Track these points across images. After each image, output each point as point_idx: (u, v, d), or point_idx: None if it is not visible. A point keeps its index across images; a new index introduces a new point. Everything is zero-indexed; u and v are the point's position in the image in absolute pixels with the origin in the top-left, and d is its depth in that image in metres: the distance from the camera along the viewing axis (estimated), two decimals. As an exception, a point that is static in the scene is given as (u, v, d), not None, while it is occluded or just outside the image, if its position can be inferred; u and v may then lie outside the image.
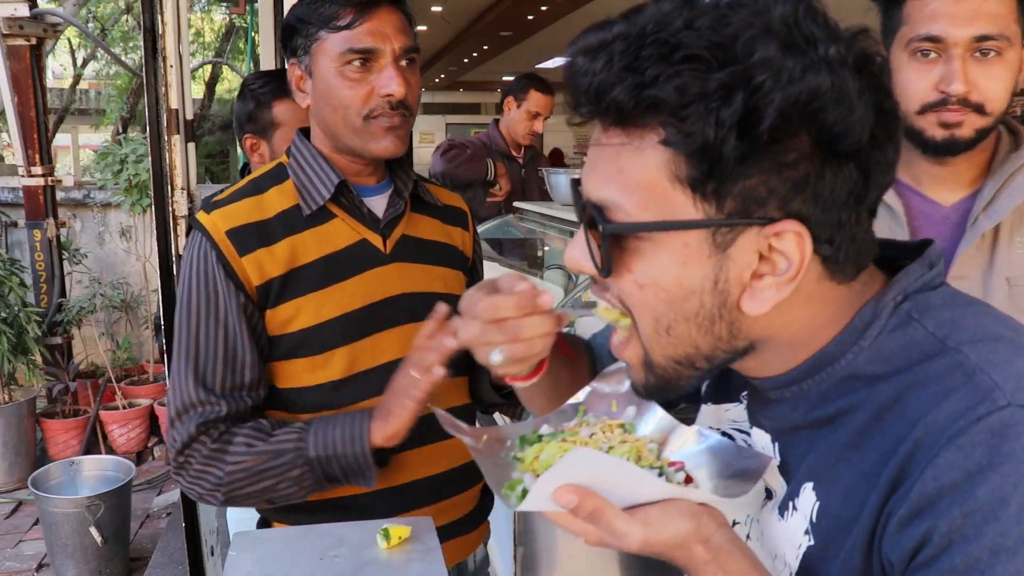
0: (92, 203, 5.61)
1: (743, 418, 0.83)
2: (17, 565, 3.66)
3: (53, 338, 4.74)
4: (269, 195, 1.30)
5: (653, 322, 0.68)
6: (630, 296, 0.68)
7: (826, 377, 0.70)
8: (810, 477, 0.71)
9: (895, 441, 0.63)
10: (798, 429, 0.73)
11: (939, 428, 0.61)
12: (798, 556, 0.70)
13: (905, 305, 0.69)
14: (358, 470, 1.23)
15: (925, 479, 0.60)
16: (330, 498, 1.31)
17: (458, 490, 1.39)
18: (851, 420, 0.68)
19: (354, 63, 1.23)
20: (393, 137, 1.27)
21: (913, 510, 0.60)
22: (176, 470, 1.27)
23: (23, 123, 4.59)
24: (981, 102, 1.19)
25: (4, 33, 4.48)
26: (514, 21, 8.36)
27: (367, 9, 1.23)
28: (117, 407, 4.80)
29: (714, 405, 0.88)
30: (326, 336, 1.27)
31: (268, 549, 1.11)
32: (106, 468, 3.65)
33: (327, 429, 1.22)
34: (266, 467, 1.22)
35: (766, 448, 0.77)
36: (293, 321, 1.27)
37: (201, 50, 10.75)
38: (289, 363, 1.29)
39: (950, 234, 1.27)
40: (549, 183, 3.10)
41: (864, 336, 0.68)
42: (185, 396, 1.24)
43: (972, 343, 0.65)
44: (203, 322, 1.24)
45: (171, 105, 2.06)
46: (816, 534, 0.69)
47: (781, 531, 0.73)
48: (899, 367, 0.66)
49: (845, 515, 0.67)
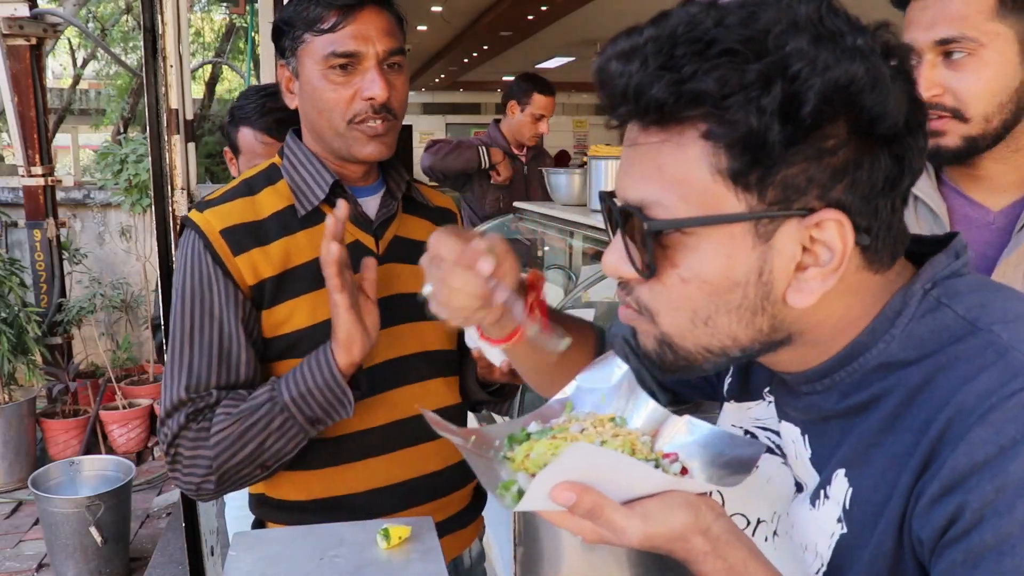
0: (92, 203, 5.61)
1: (768, 415, 0.83)
2: (17, 565, 3.66)
3: (53, 338, 4.74)
4: (262, 195, 1.30)
5: (691, 314, 0.68)
6: (671, 290, 0.68)
7: (858, 368, 0.70)
8: (842, 464, 0.71)
9: (926, 421, 0.64)
10: (830, 419, 0.73)
11: (971, 405, 0.61)
12: (830, 545, 0.71)
13: (934, 292, 0.69)
14: (335, 400, 1.21)
15: (957, 455, 0.60)
16: (326, 497, 1.31)
17: (454, 487, 1.39)
18: (883, 405, 0.68)
19: (337, 67, 1.23)
20: (377, 143, 1.26)
21: (944, 487, 0.61)
22: (170, 467, 1.25)
23: (23, 123, 4.59)
24: (956, 107, 1.17)
25: (4, 33, 4.48)
26: (514, 21, 8.36)
27: (350, 11, 1.22)
28: (117, 407, 4.80)
29: (737, 403, 0.89)
30: (320, 338, 1.26)
31: (268, 549, 1.11)
32: (106, 468, 3.64)
33: (296, 371, 1.22)
34: (247, 426, 1.20)
35: (796, 442, 0.77)
36: (287, 323, 1.26)
37: (201, 50, 10.75)
38: (283, 363, 1.28)
39: (995, 239, 1.23)
40: (549, 183, 3.09)
41: (895, 324, 0.69)
42: (175, 397, 1.23)
43: (1003, 323, 0.65)
44: (197, 319, 1.23)
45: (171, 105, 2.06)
46: (849, 521, 0.70)
47: (813, 521, 0.73)
48: (930, 351, 0.67)
49: (876, 499, 0.67)
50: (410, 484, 1.34)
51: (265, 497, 1.35)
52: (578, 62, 11.98)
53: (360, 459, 1.31)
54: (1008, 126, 1.20)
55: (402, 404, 1.32)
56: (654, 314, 0.69)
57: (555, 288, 3.28)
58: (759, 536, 0.81)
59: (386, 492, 1.32)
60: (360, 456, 1.31)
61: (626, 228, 0.69)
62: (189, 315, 1.24)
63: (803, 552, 0.74)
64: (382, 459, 1.32)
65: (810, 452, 0.76)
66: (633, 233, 0.68)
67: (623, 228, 0.69)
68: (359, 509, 1.29)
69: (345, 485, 1.31)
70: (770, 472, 0.81)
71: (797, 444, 0.77)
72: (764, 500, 0.80)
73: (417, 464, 1.35)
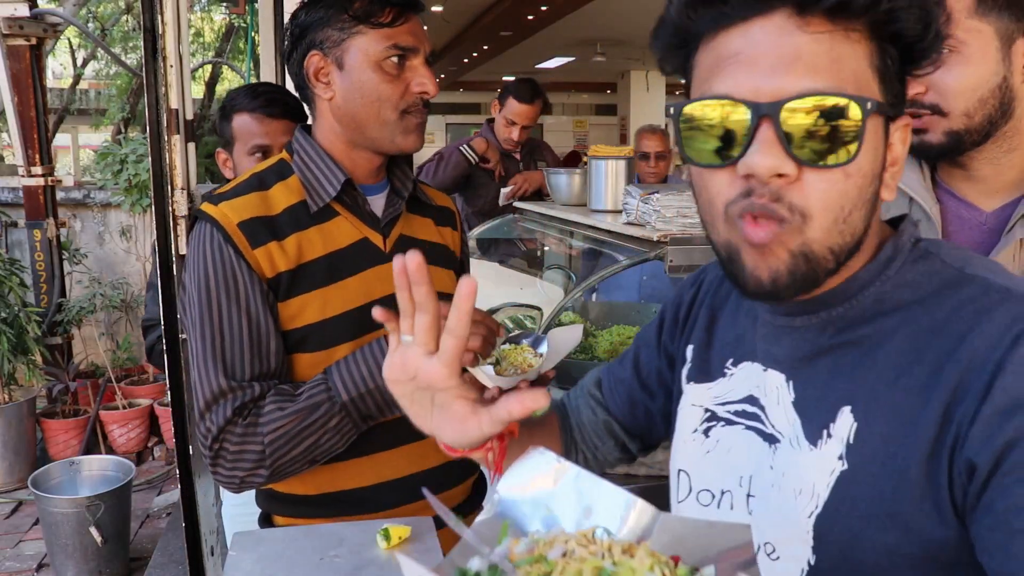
0: (92, 203, 5.61)
1: (728, 390, 0.86)
2: (17, 565, 3.66)
3: (53, 338, 4.74)
4: (274, 191, 1.31)
5: (839, 210, 0.69)
6: (834, 185, 0.68)
7: (856, 303, 0.74)
8: (847, 401, 0.73)
9: (941, 357, 0.68)
10: (819, 356, 0.76)
11: (996, 335, 0.66)
12: (829, 484, 0.72)
13: (922, 244, 0.77)
14: (392, 399, 1.22)
15: (1005, 377, 0.63)
16: (331, 491, 1.33)
17: (455, 482, 1.42)
18: (889, 344, 0.72)
19: (392, 59, 1.29)
20: (417, 135, 1.33)
21: (999, 408, 0.63)
22: (212, 461, 1.23)
23: (23, 123, 4.59)
24: (937, 102, 1.18)
25: (4, 33, 4.48)
26: (514, 21, 8.36)
27: (405, 11, 1.30)
28: (117, 407, 4.80)
29: (697, 384, 0.91)
30: (329, 332, 1.28)
31: (268, 549, 1.11)
32: (106, 468, 3.64)
33: (350, 371, 1.23)
34: (304, 425, 1.21)
35: (780, 388, 0.79)
36: (299, 316, 1.28)
37: (201, 50, 10.74)
38: (295, 357, 1.30)
39: (986, 240, 1.25)
40: (549, 183, 3.09)
41: (889, 267, 0.74)
42: (214, 386, 1.22)
43: (988, 271, 0.72)
44: (225, 311, 1.23)
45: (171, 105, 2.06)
46: (851, 456, 0.71)
47: (811, 461, 0.74)
48: (925, 293, 0.73)
49: (888, 431, 0.69)
50: (413, 478, 1.36)
51: (272, 491, 1.37)
52: (578, 62, 11.97)
53: (366, 454, 1.33)
54: (992, 121, 1.21)
55: None
56: (808, 216, 0.68)
57: (555, 288, 3.27)
58: (724, 506, 0.82)
59: (390, 486, 1.34)
60: (366, 451, 1.33)
61: (788, 121, 0.66)
62: (216, 307, 1.23)
63: (796, 497, 0.74)
64: (387, 454, 1.34)
65: (794, 396, 0.78)
66: (814, 124, 0.66)
67: (784, 123, 0.66)
68: (364, 503, 1.32)
69: (351, 479, 1.33)
70: (730, 442, 0.84)
71: (780, 390, 0.79)
72: (727, 470, 0.82)
73: (420, 459, 1.37)
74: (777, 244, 0.69)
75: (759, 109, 0.66)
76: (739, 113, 0.67)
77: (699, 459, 0.87)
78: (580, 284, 2.88)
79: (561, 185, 3.01)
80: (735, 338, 0.88)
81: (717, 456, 0.85)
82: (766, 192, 0.67)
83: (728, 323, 0.91)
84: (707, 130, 0.70)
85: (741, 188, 0.69)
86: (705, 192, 0.73)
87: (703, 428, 0.88)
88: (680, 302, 1.00)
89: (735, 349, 0.87)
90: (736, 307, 0.91)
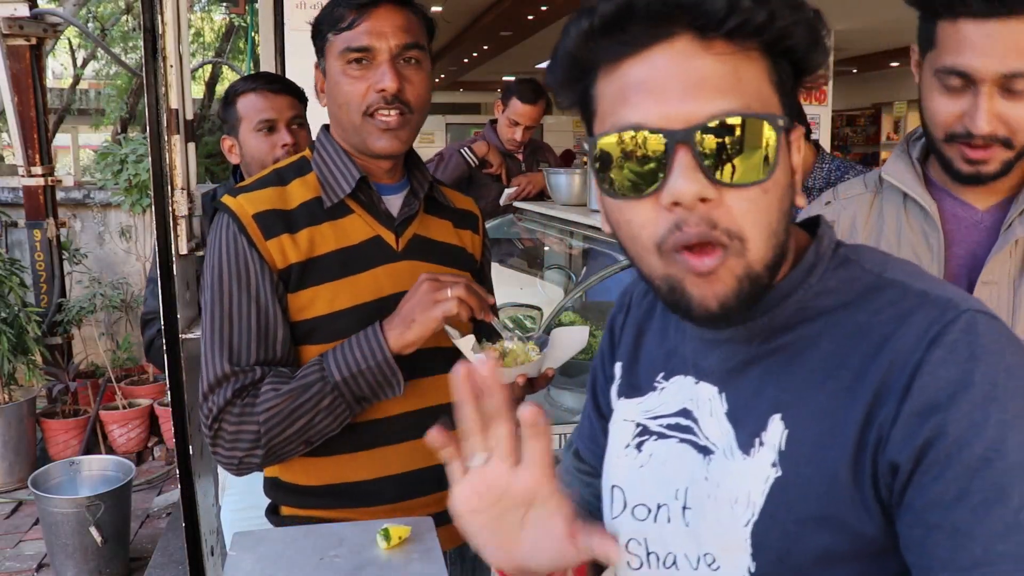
0: (92, 203, 5.61)
1: (658, 404, 0.86)
2: (17, 565, 3.66)
3: (53, 338, 4.74)
4: (292, 186, 1.35)
5: (767, 226, 0.70)
6: (757, 202, 0.69)
7: (779, 312, 0.75)
8: (776, 409, 0.74)
9: (864, 359, 0.70)
10: (748, 366, 0.77)
11: (915, 338, 0.68)
12: (764, 491, 0.73)
13: (841, 250, 0.78)
14: (384, 380, 1.26)
15: (923, 378, 0.66)
16: (337, 483, 1.35)
17: None
18: (814, 349, 0.74)
19: (353, 61, 1.29)
20: (391, 136, 1.31)
21: (918, 407, 0.65)
22: (212, 442, 1.28)
23: (23, 123, 4.59)
24: (1008, 136, 1.15)
25: (4, 33, 4.48)
26: (514, 21, 8.35)
27: (366, 9, 1.29)
28: (117, 407, 4.80)
29: (627, 400, 0.90)
30: (338, 325, 1.31)
31: (268, 549, 1.11)
32: (106, 468, 3.65)
33: (344, 352, 1.26)
34: (297, 404, 1.24)
35: (712, 400, 0.80)
36: (309, 308, 1.31)
37: (201, 50, 10.74)
38: (303, 348, 1.33)
39: (983, 239, 1.25)
40: (549, 183, 3.09)
41: (811, 275, 0.76)
42: (218, 370, 1.27)
43: (907, 275, 0.74)
44: (235, 299, 1.28)
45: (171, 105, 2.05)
46: (784, 462, 0.72)
47: (745, 470, 0.74)
48: (847, 299, 0.74)
49: (816, 434, 0.71)
50: (419, 473, 1.36)
51: (279, 481, 1.39)
52: (578, 62, 11.94)
53: (372, 447, 1.34)
54: None
55: (414, 396, 1.36)
56: (744, 237, 0.68)
57: (555, 288, 3.28)
58: (661, 519, 0.81)
59: (395, 480, 1.35)
60: (372, 444, 1.34)
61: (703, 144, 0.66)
62: (227, 294, 1.28)
63: (732, 507, 0.74)
64: (393, 448, 1.35)
65: (726, 407, 0.78)
66: (724, 147, 0.67)
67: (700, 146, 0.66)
68: (368, 496, 1.34)
69: (356, 472, 1.34)
70: (664, 455, 0.83)
71: (713, 402, 0.79)
72: (662, 484, 0.82)
73: (426, 454, 1.36)
74: (723, 270, 0.69)
75: (674, 136, 0.66)
76: (654, 142, 0.67)
77: (632, 474, 0.86)
78: (580, 284, 2.88)
79: (561, 185, 3.01)
80: (665, 353, 0.88)
81: (651, 470, 0.84)
82: (697, 220, 0.67)
83: (656, 338, 0.91)
84: (622, 162, 0.69)
85: (668, 221, 0.68)
86: (627, 227, 0.72)
87: (635, 443, 0.87)
88: (612, 329, 1.00)
89: (666, 363, 0.87)
90: (664, 323, 0.90)
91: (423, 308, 1.24)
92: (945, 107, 1.17)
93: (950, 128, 1.18)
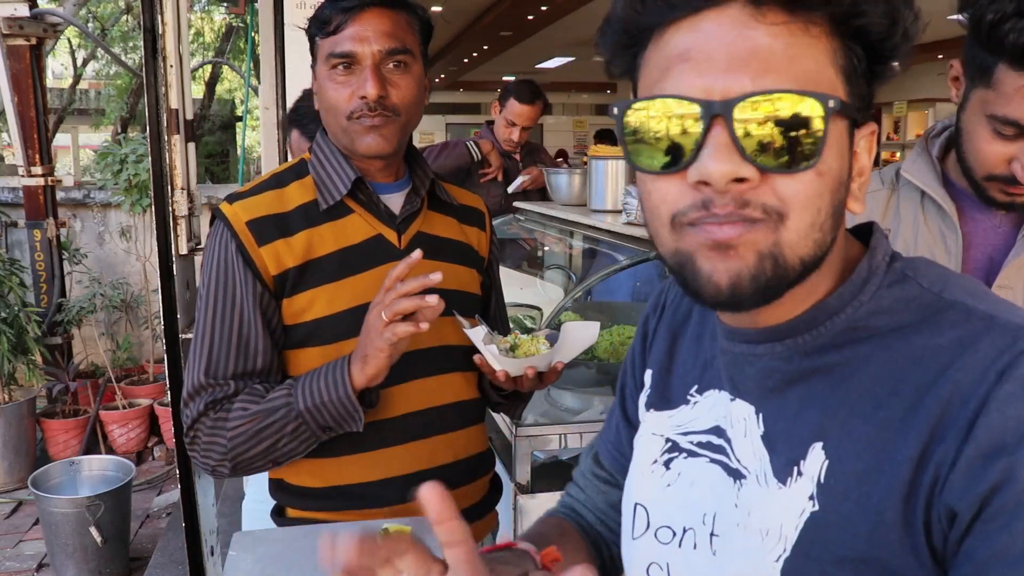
0: (92, 203, 5.61)
1: (690, 419, 0.80)
2: (17, 565, 3.66)
3: (53, 338, 4.74)
4: (290, 189, 1.35)
5: (815, 212, 0.62)
6: (808, 185, 0.61)
7: (825, 331, 0.68)
8: (819, 436, 0.67)
9: (920, 389, 0.62)
10: (789, 386, 0.70)
11: (981, 369, 0.60)
12: (798, 526, 0.66)
13: (897, 264, 0.70)
14: (346, 415, 1.26)
15: (990, 415, 0.58)
16: (341, 485, 1.34)
17: (466, 480, 1.41)
18: (863, 374, 0.66)
19: (338, 67, 1.29)
20: (376, 135, 1.30)
21: (983, 449, 0.58)
22: (189, 447, 1.32)
23: (23, 123, 4.59)
24: None
25: (4, 33, 4.48)
26: (514, 21, 8.35)
27: (350, 13, 1.28)
28: (117, 407, 4.80)
29: (657, 412, 0.85)
30: (338, 327, 1.30)
31: (268, 549, 1.11)
32: (106, 468, 3.65)
33: (311, 380, 1.26)
34: (262, 426, 1.25)
35: (748, 420, 0.73)
36: (308, 311, 1.31)
37: (201, 50, 10.74)
38: (303, 351, 1.33)
39: (1000, 243, 1.25)
40: (549, 183, 3.09)
41: (863, 291, 0.68)
42: (196, 380, 1.29)
43: (969, 296, 0.66)
44: (219, 309, 1.29)
45: (171, 105, 2.06)
46: (822, 496, 0.66)
47: (779, 500, 0.68)
48: (903, 320, 0.66)
49: (864, 468, 0.64)
50: (424, 475, 1.36)
51: (284, 483, 1.39)
52: (578, 62, 11.97)
53: (376, 449, 1.34)
54: None
55: (419, 396, 1.36)
56: (784, 215, 0.61)
57: (555, 288, 3.27)
58: (687, 544, 0.76)
59: (400, 482, 1.34)
60: (376, 446, 1.34)
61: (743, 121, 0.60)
62: (212, 303, 1.30)
63: (762, 539, 0.68)
64: (397, 449, 1.35)
65: (763, 429, 0.72)
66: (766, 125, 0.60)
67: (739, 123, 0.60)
68: (373, 498, 1.33)
69: (360, 474, 1.34)
70: (693, 475, 0.77)
71: (749, 422, 0.73)
72: (689, 506, 0.76)
73: (431, 455, 1.37)
74: (744, 244, 0.61)
75: (711, 108, 0.60)
76: (689, 114, 0.61)
77: (659, 492, 0.80)
78: (580, 284, 2.88)
79: (561, 185, 3.01)
80: (702, 363, 0.81)
81: (678, 490, 0.78)
82: (727, 201, 0.60)
83: (691, 347, 0.84)
84: (653, 133, 0.63)
85: (693, 199, 0.62)
86: (649, 199, 0.66)
87: (664, 459, 0.81)
88: (645, 331, 0.93)
89: (701, 375, 0.80)
90: (701, 329, 0.84)
91: (370, 342, 1.21)
92: (994, 150, 1.16)
93: (995, 171, 1.17)
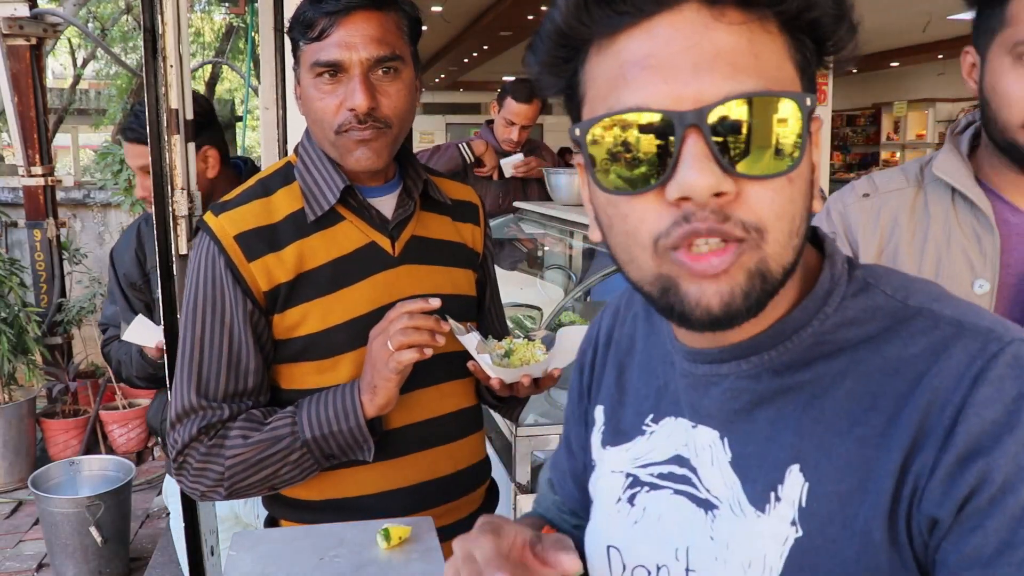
0: (92, 203, 5.61)
1: (647, 450, 0.77)
2: (17, 565, 3.66)
3: (53, 338, 4.74)
4: (277, 197, 1.29)
5: (791, 221, 0.60)
6: (780, 193, 0.59)
7: (792, 345, 0.65)
8: (795, 459, 0.64)
9: (896, 401, 0.61)
10: (758, 406, 0.67)
11: (956, 375, 0.59)
12: (783, 554, 0.64)
13: (858, 272, 0.68)
14: (355, 444, 1.23)
15: (968, 420, 0.57)
16: (338, 498, 1.31)
17: (463, 492, 1.39)
18: (837, 390, 0.64)
19: (324, 75, 1.21)
20: (365, 150, 1.23)
21: (961, 454, 0.57)
22: (177, 470, 1.26)
23: (23, 123, 4.59)
24: None
25: (4, 33, 4.48)
26: (514, 21, 8.35)
27: (336, 18, 1.19)
28: (117, 407, 4.79)
29: (614, 448, 0.81)
30: (333, 341, 1.26)
31: (268, 549, 1.11)
32: (106, 468, 3.64)
33: (319, 408, 1.22)
34: (265, 455, 1.22)
35: (713, 447, 0.69)
36: (300, 326, 1.26)
37: (201, 50, 10.74)
38: (297, 365, 1.28)
39: None
40: (549, 183, 3.09)
41: (828, 302, 0.66)
42: (186, 401, 1.23)
43: (934, 301, 0.65)
44: (208, 327, 1.23)
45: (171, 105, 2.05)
46: (805, 521, 0.63)
47: (759, 529, 0.65)
48: (871, 331, 0.64)
49: (848, 488, 0.62)
50: (421, 487, 1.33)
51: (278, 495, 1.35)
52: (578, 62, 11.95)
53: (376, 461, 1.30)
54: None
55: (420, 407, 1.32)
56: (764, 230, 0.58)
57: (555, 288, 3.27)
58: None
59: (397, 494, 1.32)
60: (376, 459, 1.30)
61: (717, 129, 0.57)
62: (200, 320, 1.24)
63: (745, 571, 0.66)
64: (394, 462, 1.31)
65: (730, 455, 0.68)
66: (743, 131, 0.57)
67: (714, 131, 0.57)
68: (369, 510, 1.29)
69: (357, 486, 1.31)
70: (659, 510, 0.74)
71: (714, 449, 0.69)
72: (659, 543, 0.73)
73: (429, 467, 1.34)
74: (735, 267, 0.58)
75: (684, 119, 0.56)
76: (659, 127, 0.57)
77: (628, 531, 0.76)
78: (580, 284, 2.88)
79: (561, 185, 3.01)
80: (655, 391, 0.78)
81: (646, 527, 0.75)
82: (707, 215, 0.57)
83: (642, 375, 0.80)
84: (621, 151, 0.59)
85: (673, 216, 0.58)
86: (623, 223, 0.61)
87: (627, 496, 0.77)
88: (581, 366, 0.90)
89: (656, 404, 0.77)
90: (649, 355, 0.80)
91: (377, 371, 1.19)
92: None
93: None
